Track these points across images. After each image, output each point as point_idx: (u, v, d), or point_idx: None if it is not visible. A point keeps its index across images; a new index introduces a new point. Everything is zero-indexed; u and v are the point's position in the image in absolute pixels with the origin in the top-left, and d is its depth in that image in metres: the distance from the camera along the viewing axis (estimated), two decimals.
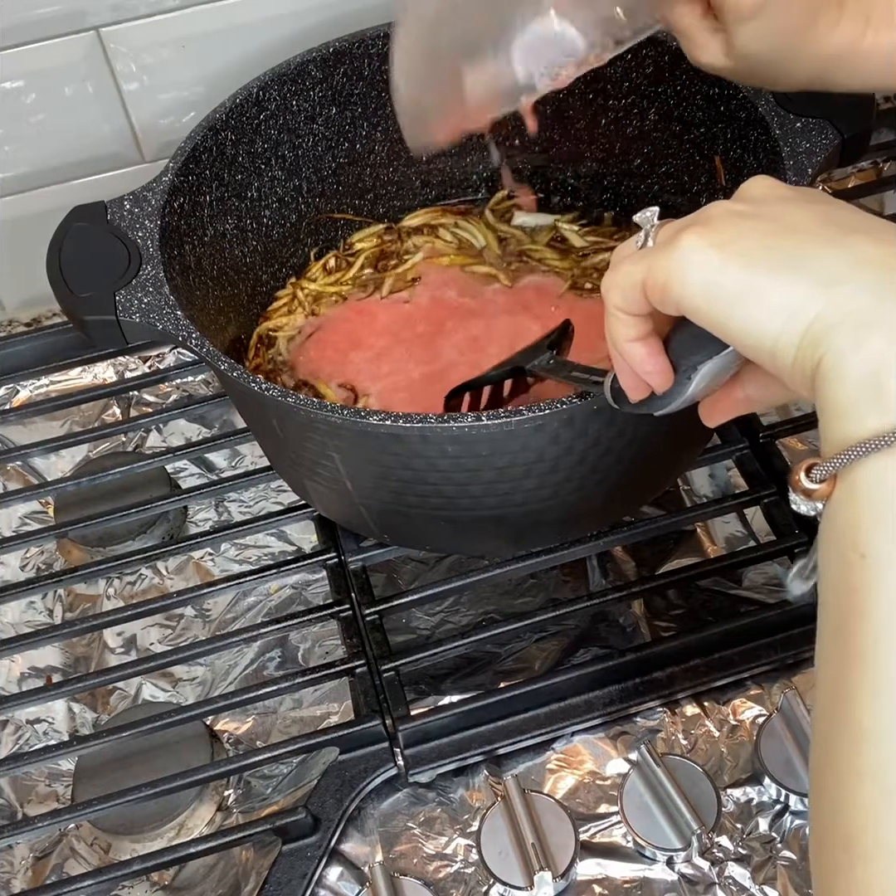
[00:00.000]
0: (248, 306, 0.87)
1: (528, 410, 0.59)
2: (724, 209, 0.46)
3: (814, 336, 0.40)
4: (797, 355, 0.41)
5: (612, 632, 0.77)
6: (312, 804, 0.69)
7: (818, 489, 0.41)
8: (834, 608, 0.40)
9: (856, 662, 0.38)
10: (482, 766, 0.70)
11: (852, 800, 0.37)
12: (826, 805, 0.39)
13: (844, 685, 0.38)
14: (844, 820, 0.37)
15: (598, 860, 0.66)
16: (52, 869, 0.71)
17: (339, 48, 0.84)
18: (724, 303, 0.43)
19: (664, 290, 0.45)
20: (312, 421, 0.64)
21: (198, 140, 0.78)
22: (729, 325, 0.43)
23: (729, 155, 0.79)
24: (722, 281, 0.43)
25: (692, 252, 0.44)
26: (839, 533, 0.40)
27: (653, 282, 0.45)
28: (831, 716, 0.39)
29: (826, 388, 0.40)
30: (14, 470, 0.93)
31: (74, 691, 0.77)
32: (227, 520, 0.88)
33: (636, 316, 0.48)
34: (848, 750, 0.38)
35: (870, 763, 0.37)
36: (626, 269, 0.47)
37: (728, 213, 0.45)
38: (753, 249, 0.43)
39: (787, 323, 0.41)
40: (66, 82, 0.90)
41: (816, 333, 0.40)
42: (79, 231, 0.74)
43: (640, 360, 0.49)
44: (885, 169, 1.03)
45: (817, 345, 0.40)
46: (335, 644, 0.78)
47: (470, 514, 0.69)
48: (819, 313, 0.40)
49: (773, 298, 0.41)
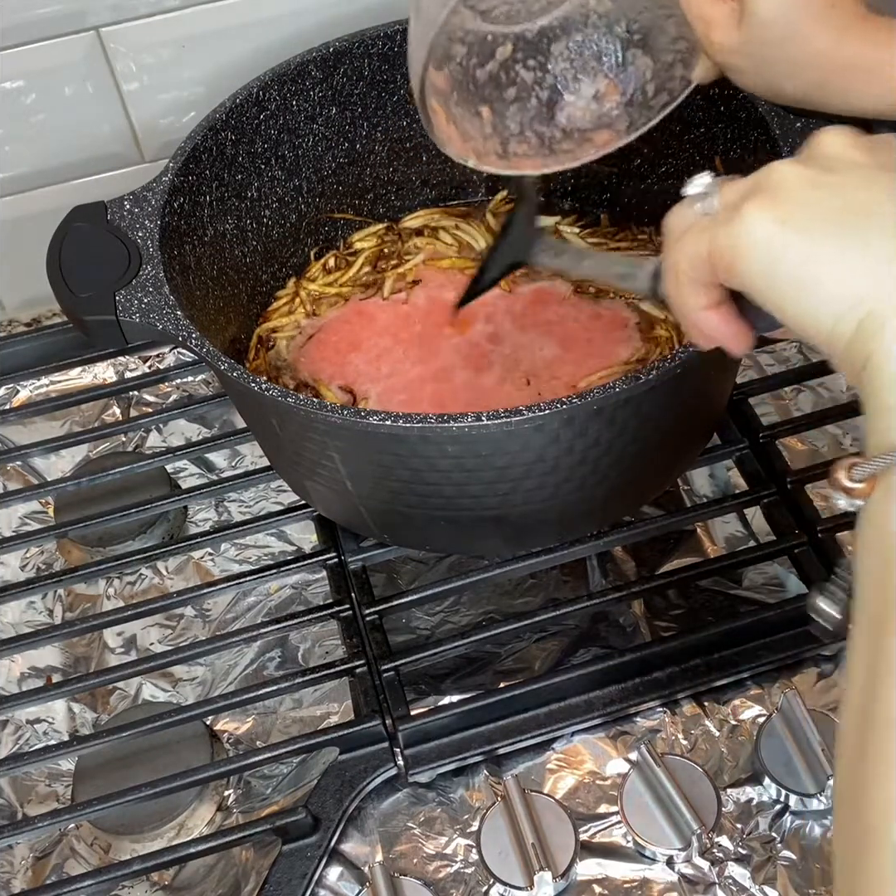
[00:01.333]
0: (248, 306, 0.87)
1: (528, 410, 0.59)
2: (793, 174, 0.44)
3: (866, 330, 0.40)
4: (849, 347, 0.41)
5: (612, 632, 0.77)
6: (312, 804, 0.69)
7: (858, 488, 0.41)
8: (871, 603, 0.40)
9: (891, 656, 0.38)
10: (482, 766, 0.70)
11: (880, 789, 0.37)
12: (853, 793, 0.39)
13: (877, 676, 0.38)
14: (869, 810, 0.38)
15: (598, 860, 0.66)
16: (52, 869, 0.71)
17: (339, 48, 0.84)
18: (783, 286, 0.43)
19: (729, 267, 0.45)
20: (312, 421, 0.64)
21: (198, 140, 0.78)
22: (786, 309, 0.43)
23: (729, 155, 0.79)
24: (782, 263, 0.42)
25: (756, 227, 0.43)
26: (878, 532, 0.40)
27: (719, 255, 0.45)
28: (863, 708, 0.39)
29: (874, 386, 0.40)
30: (14, 470, 0.93)
31: (74, 691, 0.77)
32: (227, 520, 0.88)
33: (706, 285, 0.48)
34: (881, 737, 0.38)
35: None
36: (692, 239, 0.47)
37: (796, 180, 0.44)
38: (817, 228, 0.42)
39: (842, 313, 0.41)
40: (66, 82, 0.90)
41: (869, 328, 0.40)
42: (79, 231, 0.74)
43: (714, 328, 0.49)
44: None
45: (869, 339, 0.40)
46: (335, 644, 0.78)
47: (470, 514, 0.69)
48: (873, 308, 0.40)
49: (831, 286, 0.41)
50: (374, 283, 0.90)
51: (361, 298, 0.89)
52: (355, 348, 0.85)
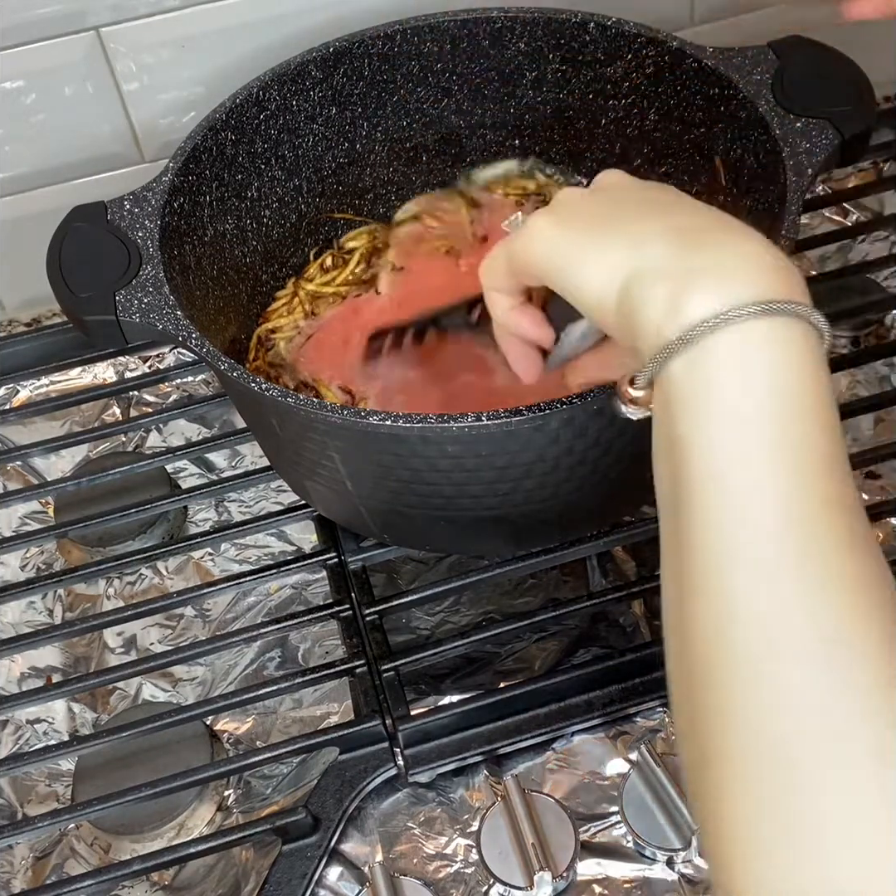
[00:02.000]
0: (248, 306, 0.87)
1: (528, 410, 0.59)
2: (574, 192, 0.54)
3: (627, 288, 0.47)
4: (618, 309, 0.47)
5: (612, 632, 0.77)
6: (312, 804, 0.69)
7: (642, 395, 0.47)
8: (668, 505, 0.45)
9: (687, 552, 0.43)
10: (482, 766, 0.70)
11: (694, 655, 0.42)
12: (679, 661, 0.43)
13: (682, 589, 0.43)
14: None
15: (598, 860, 0.66)
16: (52, 869, 0.71)
17: (339, 48, 0.84)
18: (561, 266, 0.50)
19: (520, 263, 0.53)
20: (312, 421, 0.64)
21: (198, 140, 0.78)
22: (567, 286, 0.50)
23: (729, 155, 0.79)
24: (558, 248, 0.51)
25: (538, 228, 0.52)
26: (662, 430, 0.45)
27: (515, 256, 0.54)
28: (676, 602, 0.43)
29: (636, 321, 0.46)
30: (14, 470, 0.93)
31: (74, 691, 0.77)
32: (227, 520, 0.88)
33: (510, 291, 0.56)
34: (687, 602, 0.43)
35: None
36: (493, 254, 0.56)
37: (574, 195, 0.54)
38: (585, 221, 0.51)
39: (607, 281, 0.48)
40: (66, 82, 0.90)
41: (630, 285, 0.47)
42: (79, 231, 0.74)
43: (520, 324, 0.57)
44: (885, 169, 1.03)
45: (631, 294, 0.46)
46: (335, 644, 0.78)
47: (470, 514, 0.69)
48: (631, 271, 0.47)
49: (597, 260, 0.48)
50: (372, 279, 0.90)
51: (356, 295, 0.89)
52: (352, 347, 0.85)
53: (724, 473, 0.42)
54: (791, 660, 0.39)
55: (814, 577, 0.40)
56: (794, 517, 0.40)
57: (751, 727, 0.39)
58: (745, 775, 0.39)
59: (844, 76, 0.75)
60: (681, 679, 0.43)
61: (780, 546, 0.40)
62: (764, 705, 0.39)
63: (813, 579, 0.40)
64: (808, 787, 0.37)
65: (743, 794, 0.39)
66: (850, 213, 1.01)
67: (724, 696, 0.40)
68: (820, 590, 0.39)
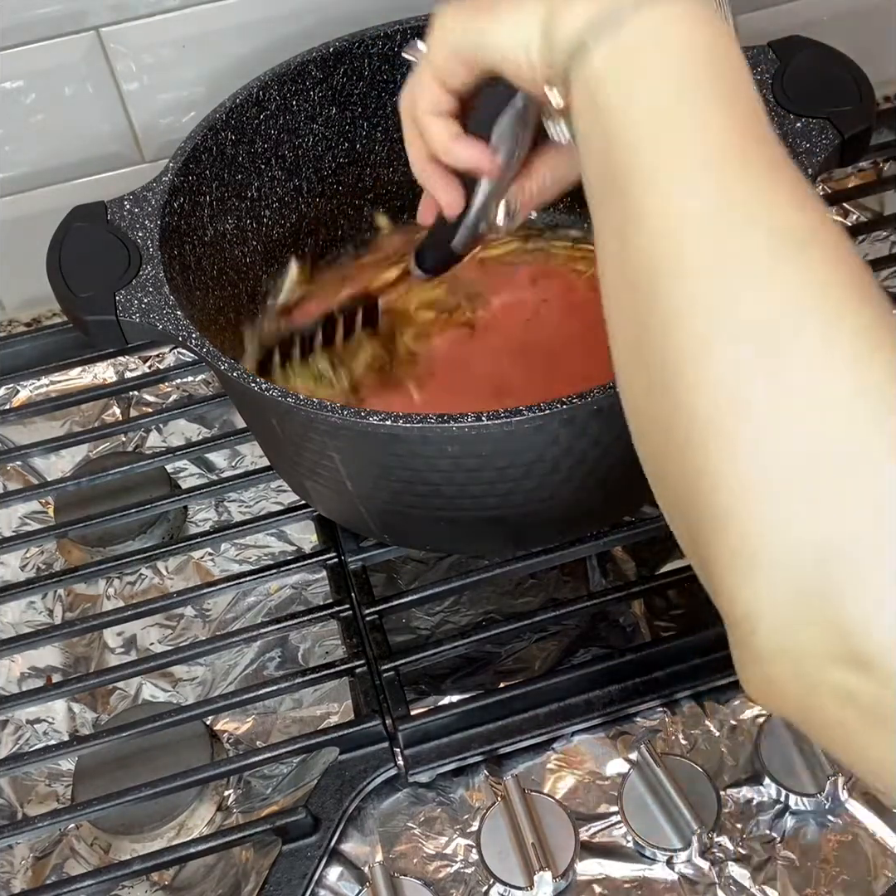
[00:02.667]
0: (248, 306, 0.87)
1: (528, 410, 0.59)
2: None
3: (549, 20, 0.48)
4: (542, 44, 0.48)
5: (612, 632, 0.77)
6: (312, 804, 0.69)
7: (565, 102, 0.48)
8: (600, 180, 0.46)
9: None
10: (482, 766, 0.70)
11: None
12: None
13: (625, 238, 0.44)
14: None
15: (598, 860, 0.66)
16: (52, 869, 0.71)
17: (339, 48, 0.84)
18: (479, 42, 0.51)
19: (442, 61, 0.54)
20: (312, 421, 0.64)
21: (198, 140, 0.78)
22: (491, 54, 0.51)
23: None
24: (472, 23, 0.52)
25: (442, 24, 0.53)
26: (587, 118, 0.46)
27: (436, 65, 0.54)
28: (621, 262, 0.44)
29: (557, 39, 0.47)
30: (14, 470, 0.93)
31: (74, 691, 0.77)
32: (227, 520, 0.88)
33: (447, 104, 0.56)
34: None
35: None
36: (415, 79, 0.56)
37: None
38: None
39: (526, 25, 0.49)
40: (66, 82, 0.90)
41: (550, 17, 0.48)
42: (79, 231, 0.74)
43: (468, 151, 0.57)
44: (885, 169, 1.03)
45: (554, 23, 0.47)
46: (335, 644, 0.78)
47: (470, 514, 0.69)
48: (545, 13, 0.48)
49: (511, 13, 0.50)
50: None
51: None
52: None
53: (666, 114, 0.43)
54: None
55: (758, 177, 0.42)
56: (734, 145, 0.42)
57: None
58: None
59: (844, 76, 0.75)
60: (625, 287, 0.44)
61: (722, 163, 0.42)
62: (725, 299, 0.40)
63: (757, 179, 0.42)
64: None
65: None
66: (851, 213, 1.01)
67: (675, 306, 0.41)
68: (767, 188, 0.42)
